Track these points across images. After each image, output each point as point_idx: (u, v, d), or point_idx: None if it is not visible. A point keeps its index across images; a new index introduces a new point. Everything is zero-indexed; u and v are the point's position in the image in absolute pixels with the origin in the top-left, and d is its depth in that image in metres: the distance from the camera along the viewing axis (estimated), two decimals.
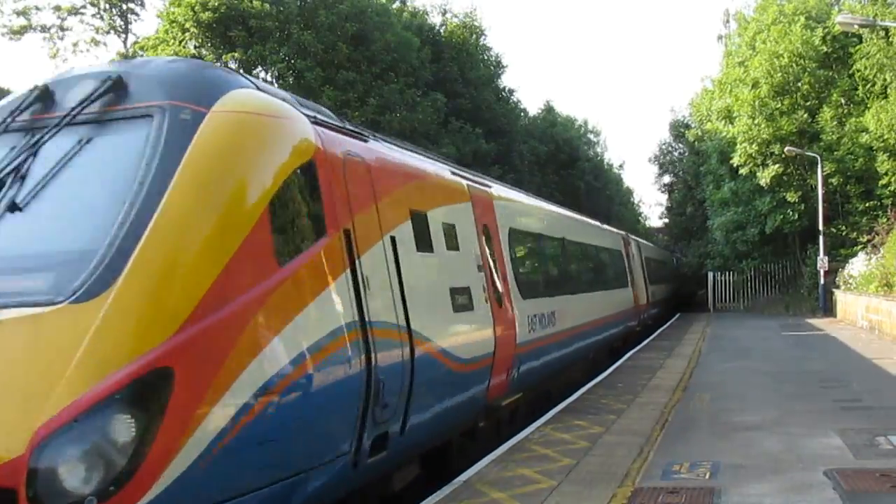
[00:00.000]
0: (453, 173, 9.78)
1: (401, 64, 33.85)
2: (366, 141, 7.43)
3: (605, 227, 23.06)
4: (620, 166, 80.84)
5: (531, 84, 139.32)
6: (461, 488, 7.43)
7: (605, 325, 18.29)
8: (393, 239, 7.11)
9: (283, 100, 6.38)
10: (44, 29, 41.34)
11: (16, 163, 5.35)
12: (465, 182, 9.91)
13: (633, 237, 29.00)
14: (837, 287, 29.89)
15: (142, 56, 31.34)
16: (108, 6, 36.64)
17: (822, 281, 31.30)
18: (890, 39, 28.29)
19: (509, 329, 10.16)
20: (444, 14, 42.05)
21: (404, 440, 6.98)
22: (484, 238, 9.93)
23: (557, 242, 14.89)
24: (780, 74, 33.78)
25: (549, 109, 56.40)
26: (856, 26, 25.75)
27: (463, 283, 8.83)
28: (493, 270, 10.01)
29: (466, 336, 8.62)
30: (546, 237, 14.05)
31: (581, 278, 16.48)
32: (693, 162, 49.34)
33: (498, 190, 11.84)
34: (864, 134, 30.61)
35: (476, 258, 9.42)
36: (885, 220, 29.51)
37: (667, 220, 64.24)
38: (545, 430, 10.14)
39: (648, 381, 14.42)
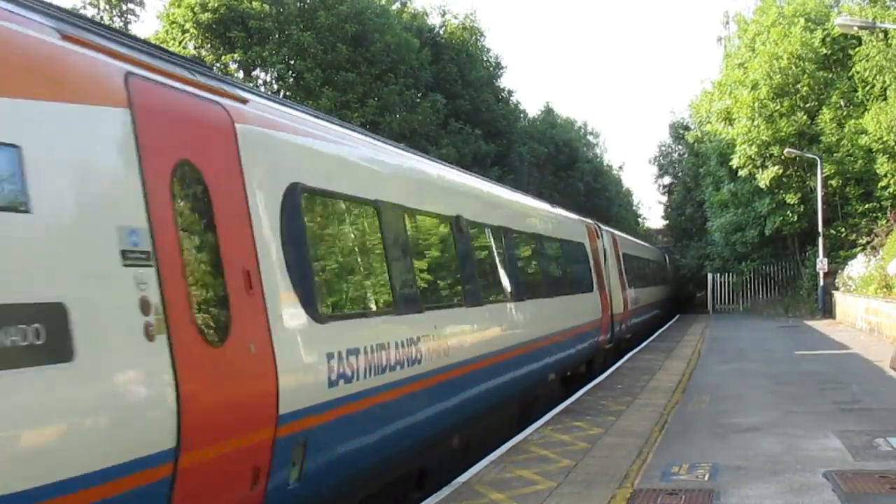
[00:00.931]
0: (68, 38, 4.34)
1: (400, 65, 33.85)
2: None
3: (557, 210, 17.07)
4: (620, 168, 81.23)
5: (531, 85, 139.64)
6: (461, 489, 7.42)
7: (546, 348, 12.58)
8: None
9: None
10: None
11: None
12: (95, 58, 4.49)
13: (608, 228, 22.96)
14: (837, 289, 29.90)
15: None
16: (107, 7, 36.61)
17: (821, 283, 31.31)
18: (889, 41, 28.30)
19: (252, 388, 5.13)
20: (443, 15, 42.09)
21: None
22: (176, 193, 4.76)
23: (439, 223, 9.30)
24: (779, 76, 33.79)
25: (548, 111, 56.45)
26: (855, 28, 25.80)
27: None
28: (197, 264, 4.86)
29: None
30: (405, 211, 8.11)
31: (493, 281, 10.84)
32: (692, 163, 49.38)
33: (262, 108, 6.09)
34: (863, 136, 30.62)
35: (119, 236, 4.24)
36: (884, 221, 29.55)
37: (666, 222, 64.32)
38: (544, 431, 10.14)
39: (647, 383, 14.41)
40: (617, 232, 25.45)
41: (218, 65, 30.72)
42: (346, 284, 7.09)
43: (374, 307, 7.32)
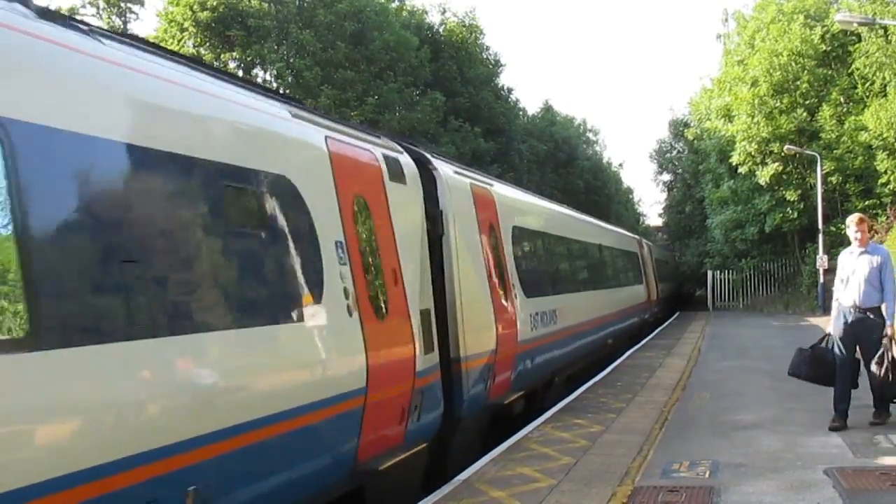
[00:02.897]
0: None
1: (399, 63, 33.83)
2: None
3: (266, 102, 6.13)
4: (620, 165, 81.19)
5: (530, 83, 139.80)
6: (460, 487, 7.42)
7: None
8: None
9: None
10: None
11: None
12: None
13: (470, 172, 10.87)
14: None
15: None
16: (106, 5, 36.55)
17: (821, 279, 31.26)
18: (889, 38, 28.30)
19: None
20: (443, 13, 42.06)
21: None
22: None
23: None
24: (779, 73, 33.77)
25: (547, 108, 56.41)
26: (855, 25, 25.75)
27: None
28: None
29: None
30: None
31: None
32: (692, 161, 49.34)
33: None
34: (863, 132, 30.59)
35: None
36: (884, 218, 29.52)
37: (665, 219, 64.35)
38: (545, 428, 10.13)
39: (648, 380, 14.41)
40: (501, 184, 12.87)
41: (217, 63, 30.68)
42: None
43: None
